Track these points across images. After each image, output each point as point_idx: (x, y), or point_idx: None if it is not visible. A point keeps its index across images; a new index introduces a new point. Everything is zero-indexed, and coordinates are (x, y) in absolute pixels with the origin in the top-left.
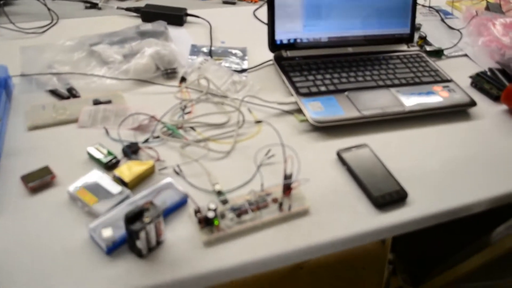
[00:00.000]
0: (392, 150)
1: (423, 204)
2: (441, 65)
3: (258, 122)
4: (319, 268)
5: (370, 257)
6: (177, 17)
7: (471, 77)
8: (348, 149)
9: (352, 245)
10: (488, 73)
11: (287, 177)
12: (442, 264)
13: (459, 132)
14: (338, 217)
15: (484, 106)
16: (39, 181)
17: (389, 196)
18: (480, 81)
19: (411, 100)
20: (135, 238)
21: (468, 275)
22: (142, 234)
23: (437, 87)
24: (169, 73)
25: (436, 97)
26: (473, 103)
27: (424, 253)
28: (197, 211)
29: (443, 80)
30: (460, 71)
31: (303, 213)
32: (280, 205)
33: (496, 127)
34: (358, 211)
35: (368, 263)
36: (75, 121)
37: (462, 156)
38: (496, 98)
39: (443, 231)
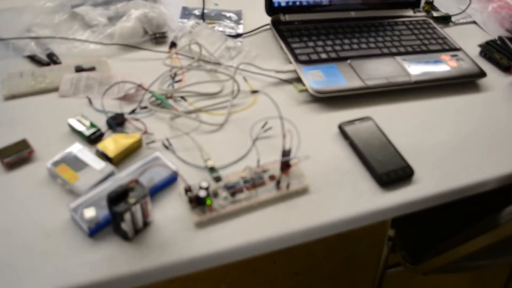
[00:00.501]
0: (397, 123)
1: (430, 182)
2: (448, 32)
3: (254, 92)
4: (312, 241)
5: (368, 230)
6: None
7: (480, 45)
8: (351, 122)
9: (354, 226)
10: (498, 42)
11: (286, 153)
12: (443, 243)
13: (468, 105)
14: (339, 196)
15: (494, 77)
16: (16, 156)
17: (394, 174)
18: (490, 50)
19: (417, 70)
20: (119, 220)
21: (470, 255)
22: (127, 216)
23: (445, 56)
24: (158, 38)
25: (444, 67)
26: (482, 74)
27: (425, 231)
28: (188, 190)
29: (451, 49)
30: (468, 39)
31: (302, 191)
32: (278, 183)
33: (507, 100)
34: (361, 190)
35: (365, 236)
36: (55, 90)
37: (470, 130)
38: (506, 69)
39: (447, 209)
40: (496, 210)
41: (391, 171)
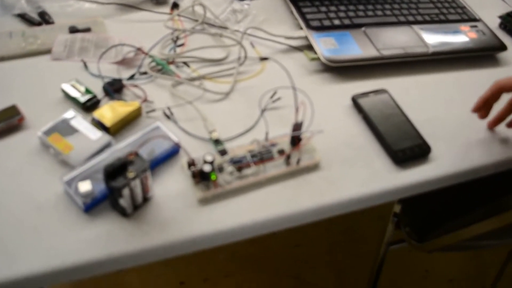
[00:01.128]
0: (413, 97)
1: (447, 160)
2: (467, 1)
3: (263, 59)
4: None
5: None
6: None
7: (500, 17)
8: (365, 94)
9: (367, 205)
10: None
11: (297, 126)
12: (451, 222)
13: (487, 80)
14: (352, 173)
15: None
16: (5, 123)
17: (410, 151)
18: (510, 22)
19: (435, 40)
20: (117, 196)
21: (477, 236)
22: (126, 192)
23: (464, 27)
24: None
25: (463, 38)
26: (503, 47)
27: (432, 209)
28: (191, 164)
29: (471, 19)
30: (487, 9)
31: (313, 168)
32: (288, 158)
33: None
34: (375, 167)
35: (368, 210)
36: (47, 52)
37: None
38: None
39: (456, 188)
40: (506, 192)
41: (407, 148)
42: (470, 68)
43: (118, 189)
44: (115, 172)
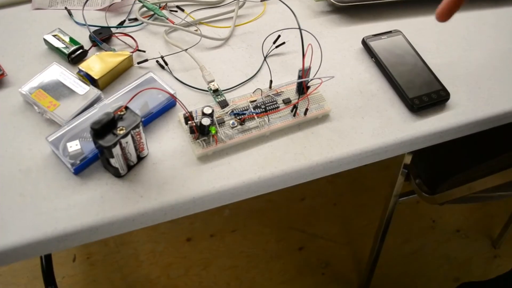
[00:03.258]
0: (430, 38)
1: (467, 108)
2: None
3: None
4: None
5: None
6: None
7: None
8: (377, 36)
9: (381, 157)
10: None
11: (304, 73)
12: (464, 174)
13: (508, 20)
14: (364, 123)
15: None
16: None
17: (427, 98)
18: None
19: None
20: (108, 156)
21: (491, 188)
22: (117, 151)
23: None
24: None
25: None
26: None
27: (445, 160)
28: (189, 118)
29: None
30: None
31: (322, 118)
32: (294, 108)
33: None
34: (389, 116)
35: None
36: (28, 0)
37: (511, 49)
38: None
39: (471, 138)
40: None
41: (424, 95)
42: (492, 6)
43: (107, 148)
44: (104, 129)
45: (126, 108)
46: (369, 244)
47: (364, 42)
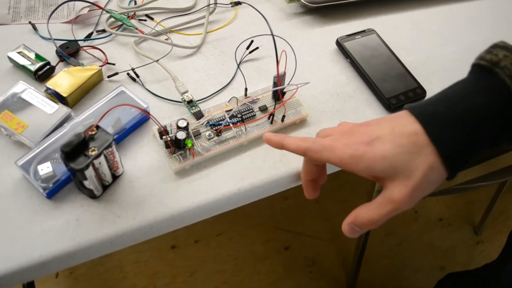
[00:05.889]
0: (405, 36)
1: None
2: None
3: (236, 4)
4: None
5: None
6: None
7: None
8: (351, 36)
9: None
10: None
11: (279, 79)
12: None
13: (482, 12)
14: None
15: None
16: None
17: (404, 97)
18: None
19: None
20: (80, 179)
21: (469, 180)
22: (90, 172)
23: None
24: None
25: None
26: None
27: None
28: (163, 132)
29: None
30: None
31: (300, 124)
32: (271, 115)
33: None
34: (366, 117)
35: None
36: None
37: (485, 39)
38: None
39: None
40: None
41: (400, 94)
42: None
43: (79, 171)
44: (74, 151)
45: (97, 127)
46: (354, 239)
47: (338, 43)
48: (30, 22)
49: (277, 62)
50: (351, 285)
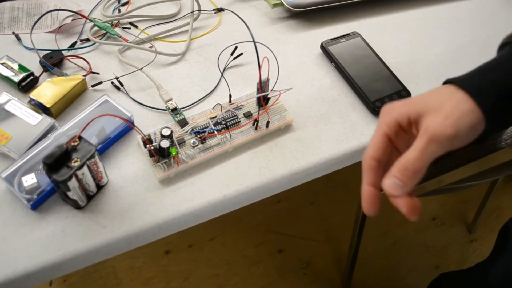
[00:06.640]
0: (389, 38)
1: None
2: None
3: (219, 10)
4: None
5: None
6: None
7: None
8: (335, 39)
9: (347, 163)
10: None
11: (263, 85)
12: (432, 168)
13: (463, 12)
14: (328, 131)
15: None
16: None
17: (388, 99)
18: None
19: None
20: (64, 190)
21: (461, 179)
22: (73, 183)
23: None
24: None
25: None
26: None
27: None
28: (147, 141)
29: None
30: None
31: (285, 129)
32: (256, 121)
33: (503, 3)
34: (352, 121)
35: None
36: None
37: (468, 40)
38: None
39: None
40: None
41: (385, 97)
42: (444, 1)
43: (62, 182)
44: (57, 163)
45: (80, 138)
46: (348, 240)
47: (322, 47)
48: (13, 33)
49: (259, 68)
50: (346, 286)
